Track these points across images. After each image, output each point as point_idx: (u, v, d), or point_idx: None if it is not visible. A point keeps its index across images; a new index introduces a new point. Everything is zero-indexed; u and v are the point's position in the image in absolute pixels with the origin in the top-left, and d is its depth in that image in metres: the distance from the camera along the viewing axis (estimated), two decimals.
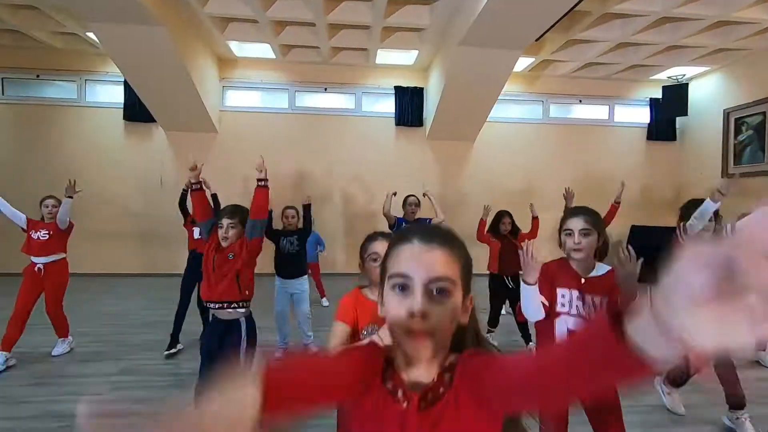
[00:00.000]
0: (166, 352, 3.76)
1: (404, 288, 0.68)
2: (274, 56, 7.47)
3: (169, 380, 3.33)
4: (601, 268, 1.80)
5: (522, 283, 1.69)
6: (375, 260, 1.63)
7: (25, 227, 3.77)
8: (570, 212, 1.87)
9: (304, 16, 5.93)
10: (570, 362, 0.53)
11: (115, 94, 7.45)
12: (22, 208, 3.93)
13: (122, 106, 7.42)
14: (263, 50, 7.27)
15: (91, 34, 6.43)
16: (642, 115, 8.52)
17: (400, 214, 4.53)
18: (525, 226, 5.05)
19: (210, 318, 2.50)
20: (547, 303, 1.76)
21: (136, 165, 7.54)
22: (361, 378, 0.70)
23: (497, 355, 0.71)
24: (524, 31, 5.45)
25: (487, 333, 4.04)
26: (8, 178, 7.27)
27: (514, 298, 4.04)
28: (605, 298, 1.72)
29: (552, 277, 1.80)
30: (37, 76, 7.36)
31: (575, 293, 1.77)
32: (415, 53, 7.30)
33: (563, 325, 1.76)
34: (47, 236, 3.76)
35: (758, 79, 6.89)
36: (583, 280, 1.77)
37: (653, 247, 3.90)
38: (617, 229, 8.02)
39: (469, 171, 8.19)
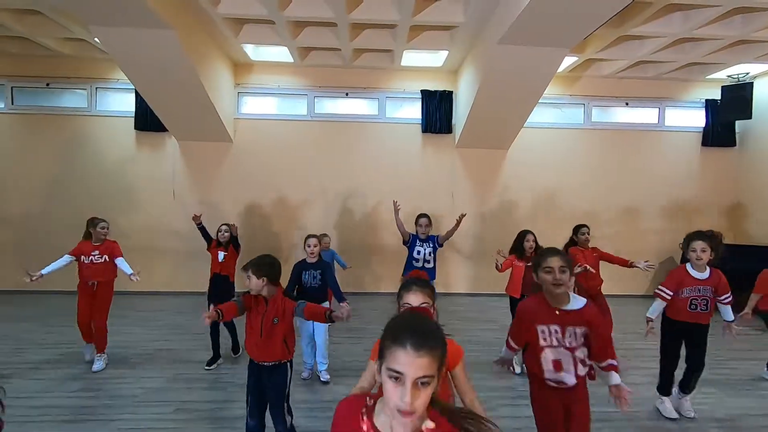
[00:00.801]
0: (207, 368, 4.03)
1: (398, 379, 0.96)
2: (292, 60, 6.96)
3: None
4: (576, 302, 2.01)
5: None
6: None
7: (75, 259, 3.96)
8: (547, 251, 2.06)
9: (324, 15, 5.38)
10: None
11: (127, 103, 7.08)
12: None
13: (133, 114, 7.04)
14: (280, 54, 6.77)
15: (99, 40, 6.04)
16: (697, 119, 7.66)
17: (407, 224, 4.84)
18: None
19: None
20: (517, 347, 2.17)
21: (147, 176, 7.14)
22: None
23: None
24: (575, 27, 4.75)
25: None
26: (19, 189, 6.97)
27: None
28: (584, 329, 1.96)
29: (531, 317, 2.03)
30: (47, 84, 7.04)
31: (554, 327, 1.98)
32: (444, 54, 6.68)
33: (549, 356, 1.99)
34: (101, 260, 4.01)
35: None
36: (557, 312, 1.99)
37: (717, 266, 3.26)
38: (667, 245, 7.26)
39: (503, 182, 7.51)
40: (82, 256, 3.94)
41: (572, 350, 1.96)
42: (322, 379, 3.76)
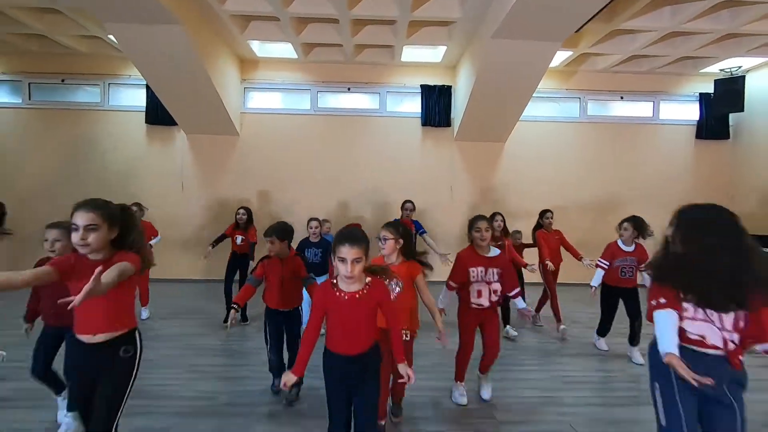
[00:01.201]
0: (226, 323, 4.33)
1: (343, 261, 1.85)
2: (296, 56, 7.23)
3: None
4: (493, 252, 2.97)
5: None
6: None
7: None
8: (477, 218, 2.93)
9: (326, 12, 5.64)
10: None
11: (138, 98, 7.38)
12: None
13: (144, 109, 7.34)
14: (285, 50, 7.05)
15: (113, 37, 6.35)
16: (690, 112, 7.84)
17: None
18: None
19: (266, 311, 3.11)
20: (455, 286, 2.99)
21: (157, 169, 7.44)
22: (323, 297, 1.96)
23: (387, 291, 2.02)
24: (565, 20, 4.97)
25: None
26: (36, 182, 7.30)
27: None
28: (498, 270, 2.93)
29: (466, 262, 2.94)
30: (62, 80, 7.36)
31: (480, 268, 2.92)
32: (442, 49, 6.91)
33: (475, 289, 2.93)
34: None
35: None
36: (483, 258, 2.93)
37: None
38: (661, 236, 7.43)
39: (500, 174, 7.73)
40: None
41: (489, 283, 2.92)
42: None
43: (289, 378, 1.86)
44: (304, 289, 3.09)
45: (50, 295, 2.41)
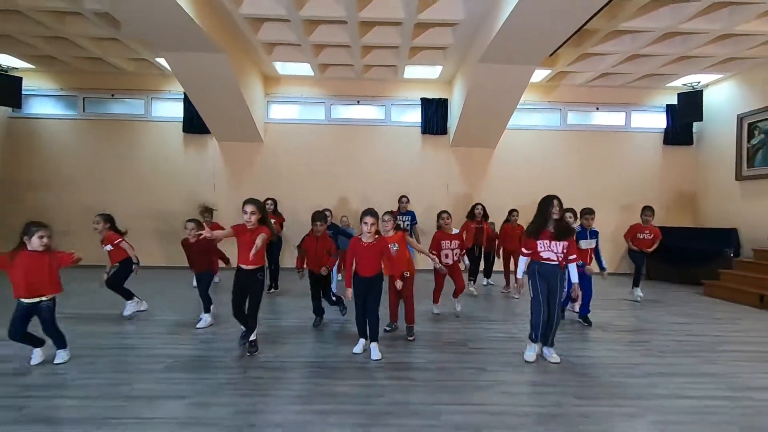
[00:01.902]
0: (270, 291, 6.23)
1: (365, 224, 3.53)
2: (312, 74, 8.37)
3: None
4: (455, 231, 4.96)
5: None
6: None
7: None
8: (443, 211, 5.01)
9: (341, 40, 6.77)
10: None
11: (176, 110, 8.54)
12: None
13: (181, 120, 8.49)
14: (303, 69, 8.18)
15: (161, 60, 7.51)
16: (658, 121, 8.90)
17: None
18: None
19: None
20: (435, 253, 4.77)
21: (193, 172, 8.58)
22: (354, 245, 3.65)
23: (387, 245, 3.72)
24: (538, 48, 6.06)
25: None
26: (88, 184, 8.46)
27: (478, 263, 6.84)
28: (457, 242, 4.88)
29: (440, 237, 4.87)
30: (112, 95, 8.54)
31: (448, 241, 4.84)
32: (439, 68, 8.02)
33: (443, 252, 4.83)
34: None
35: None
36: (449, 235, 4.88)
37: (672, 245, 5.12)
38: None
39: (490, 175, 8.81)
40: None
41: (452, 249, 4.85)
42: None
43: (348, 292, 3.59)
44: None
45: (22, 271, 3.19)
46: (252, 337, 3.61)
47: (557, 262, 3.47)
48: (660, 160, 8.92)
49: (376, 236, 3.60)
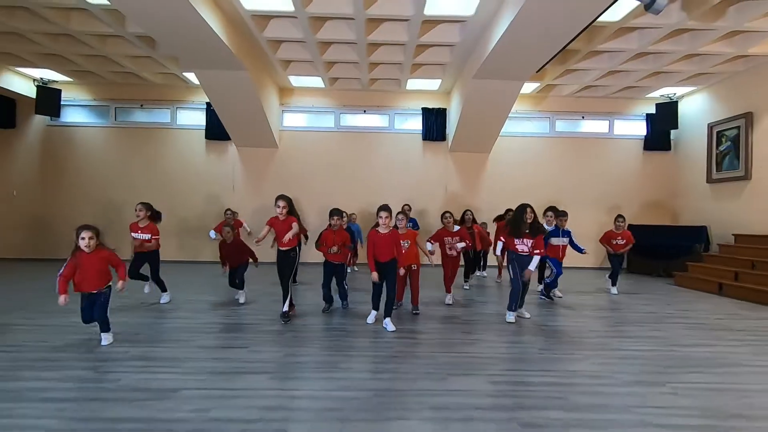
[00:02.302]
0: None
1: (383, 218, 4.32)
2: (323, 86, 9.22)
3: None
4: (455, 228, 5.46)
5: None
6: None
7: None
8: (446, 212, 5.55)
9: (351, 58, 7.61)
10: None
11: (199, 118, 9.39)
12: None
13: (204, 127, 9.34)
14: (315, 81, 9.03)
15: (187, 74, 8.37)
16: (639, 129, 9.72)
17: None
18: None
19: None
20: (434, 242, 5.35)
21: (214, 174, 9.42)
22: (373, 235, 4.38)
23: (398, 236, 4.48)
24: (525, 66, 6.88)
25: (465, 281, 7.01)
26: (120, 186, 9.30)
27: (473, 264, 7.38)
28: (458, 238, 5.38)
29: (442, 234, 5.44)
30: (141, 105, 9.39)
31: (449, 237, 5.42)
32: (438, 81, 8.86)
33: (447, 246, 5.46)
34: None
35: (734, 97, 8.05)
36: (451, 231, 5.45)
37: (650, 241, 6.25)
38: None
39: (485, 178, 9.64)
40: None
41: (453, 245, 5.37)
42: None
43: (374, 276, 4.24)
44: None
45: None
46: (285, 308, 4.42)
47: (528, 253, 4.54)
48: (640, 164, 9.74)
49: (391, 229, 4.33)
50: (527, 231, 4.51)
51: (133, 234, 5.21)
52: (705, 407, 2.62)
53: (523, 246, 4.54)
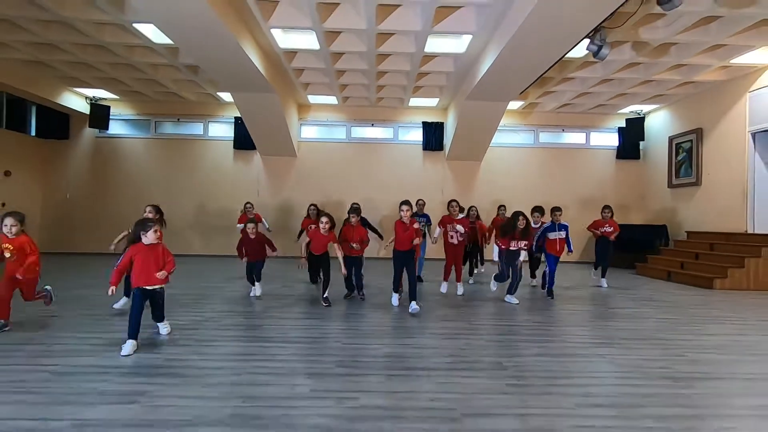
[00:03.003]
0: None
1: (402, 210, 5.25)
2: (336, 102, 10.61)
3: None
4: (460, 216, 6.27)
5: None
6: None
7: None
8: (451, 201, 6.30)
9: (361, 81, 8.99)
10: None
11: (228, 131, 10.77)
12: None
13: (232, 139, 10.71)
14: (330, 99, 10.42)
15: (222, 94, 9.75)
16: (612, 140, 11.11)
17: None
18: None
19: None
20: (440, 228, 6.28)
21: (240, 180, 10.79)
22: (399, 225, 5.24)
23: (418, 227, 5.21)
24: (508, 91, 8.25)
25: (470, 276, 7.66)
26: (160, 191, 10.67)
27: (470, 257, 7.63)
28: (461, 225, 6.09)
29: (447, 221, 6.17)
30: (178, 119, 10.78)
31: (452, 224, 6.11)
32: (436, 99, 10.25)
33: (450, 233, 6.16)
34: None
35: (688, 115, 9.44)
36: (455, 219, 6.16)
37: (621, 237, 7.92)
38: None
39: (478, 183, 11.01)
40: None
41: (456, 231, 6.04)
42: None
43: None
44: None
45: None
46: (325, 295, 5.39)
47: (518, 249, 5.59)
48: (613, 171, 11.12)
49: (411, 220, 5.05)
50: (519, 234, 5.46)
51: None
52: (616, 335, 4.00)
53: (514, 244, 5.53)
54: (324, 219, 5.25)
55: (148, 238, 3.56)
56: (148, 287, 3.57)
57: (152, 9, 5.44)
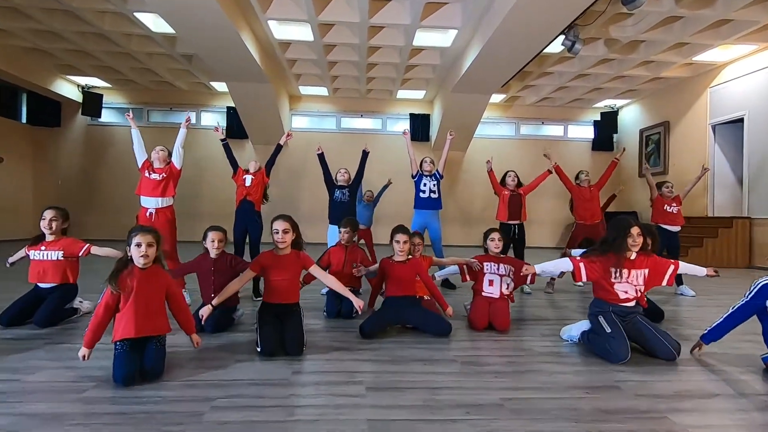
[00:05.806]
0: None
1: (398, 243, 3.29)
2: (327, 94, 10.97)
3: None
4: (502, 253, 3.63)
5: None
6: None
7: (139, 166, 4.16)
8: (490, 230, 3.67)
9: (352, 73, 9.39)
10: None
11: (220, 120, 11.02)
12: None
13: (224, 127, 10.96)
14: (320, 90, 10.78)
15: (215, 84, 10.01)
16: (588, 133, 11.77)
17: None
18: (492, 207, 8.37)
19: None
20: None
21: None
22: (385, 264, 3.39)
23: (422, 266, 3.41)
24: (491, 84, 8.77)
25: None
26: None
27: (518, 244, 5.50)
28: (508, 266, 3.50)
29: (481, 260, 3.56)
30: (171, 108, 10.98)
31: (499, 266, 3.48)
32: (423, 92, 10.71)
33: (492, 281, 3.47)
34: (159, 178, 4.16)
35: (656, 109, 10.14)
36: (496, 258, 3.58)
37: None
38: (565, 219, 11.26)
39: (462, 173, 11.54)
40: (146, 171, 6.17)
41: (501, 276, 3.43)
42: None
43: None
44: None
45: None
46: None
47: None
48: (590, 162, 11.79)
49: (409, 258, 3.35)
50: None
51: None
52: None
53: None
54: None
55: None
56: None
57: None
